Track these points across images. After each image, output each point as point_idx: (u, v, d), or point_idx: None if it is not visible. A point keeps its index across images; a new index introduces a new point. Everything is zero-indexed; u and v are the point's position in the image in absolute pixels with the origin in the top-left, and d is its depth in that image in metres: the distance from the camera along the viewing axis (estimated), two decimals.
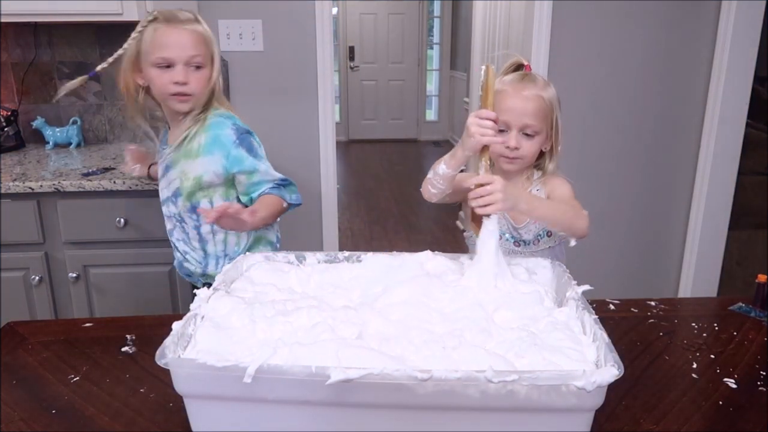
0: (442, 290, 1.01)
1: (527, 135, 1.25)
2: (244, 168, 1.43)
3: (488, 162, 1.13)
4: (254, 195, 1.45)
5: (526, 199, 1.13)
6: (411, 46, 7.26)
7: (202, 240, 1.50)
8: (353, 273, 1.11)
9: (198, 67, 1.39)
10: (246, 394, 0.75)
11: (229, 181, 1.46)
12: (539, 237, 1.34)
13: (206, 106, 1.44)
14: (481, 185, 1.05)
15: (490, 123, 1.12)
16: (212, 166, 1.42)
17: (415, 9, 7.13)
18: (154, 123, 1.54)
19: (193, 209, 1.46)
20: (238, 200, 1.49)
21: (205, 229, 1.48)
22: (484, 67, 1.10)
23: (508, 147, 1.26)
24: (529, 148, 1.27)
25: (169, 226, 1.55)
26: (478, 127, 1.11)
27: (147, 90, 1.45)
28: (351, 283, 1.08)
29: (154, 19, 1.37)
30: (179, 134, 1.45)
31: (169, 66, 1.37)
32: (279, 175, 1.48)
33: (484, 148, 1.12)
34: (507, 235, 1.34)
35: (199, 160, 1.42)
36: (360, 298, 1.03)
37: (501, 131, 1.26)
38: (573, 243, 1.23)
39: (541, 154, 1.33)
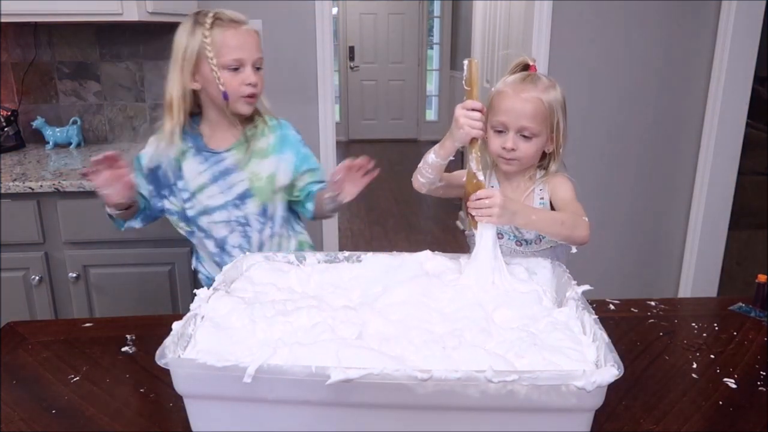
0: (441, 290, 1.01)
1: (525, 137, 1.25)
2: (311, 165, 1.49)
3: (478, 154, 1.14)
4: (314, 190, 1.48)
5: (523, 214, 1.13)
6: (411, 46, 7.25)
7: (262, 244, 1.48)
8: (353, 273, 1.11)
9: (258, 68, 1.38)
10: (246, 394, 0.75)
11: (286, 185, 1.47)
12: (541, 236, 1.33)
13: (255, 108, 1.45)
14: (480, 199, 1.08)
15: (477, 114, 1.12)
16: (283, 164, 1.45)
17: (415, 9, 7.13)
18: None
19: (264, 212, 1.45)
20: (288, 204, 1.51)
21: (266, 232, 1.47)
22: (466, 62, 1.12)
23: (504, 148, 1.25)
24: (527, 149, 1.26)
25: (223, 233, 1.46)
26: (466, 118, 1.12)
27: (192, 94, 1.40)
28: (351, 283, 1.08)
29: (216, 20, 1.33)
30: (232, 137, 1.43)
31: (236, 68, 1.34)
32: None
33: (474, 139, 1.13)
34: (509, 235, 1.34)
35: (270, 159, 1.44)
36: (360, 298, 1.03)
37: (499, 132, 1.26)
38: (574, 250, 1.24)
39: (545, 155, 1.33)
